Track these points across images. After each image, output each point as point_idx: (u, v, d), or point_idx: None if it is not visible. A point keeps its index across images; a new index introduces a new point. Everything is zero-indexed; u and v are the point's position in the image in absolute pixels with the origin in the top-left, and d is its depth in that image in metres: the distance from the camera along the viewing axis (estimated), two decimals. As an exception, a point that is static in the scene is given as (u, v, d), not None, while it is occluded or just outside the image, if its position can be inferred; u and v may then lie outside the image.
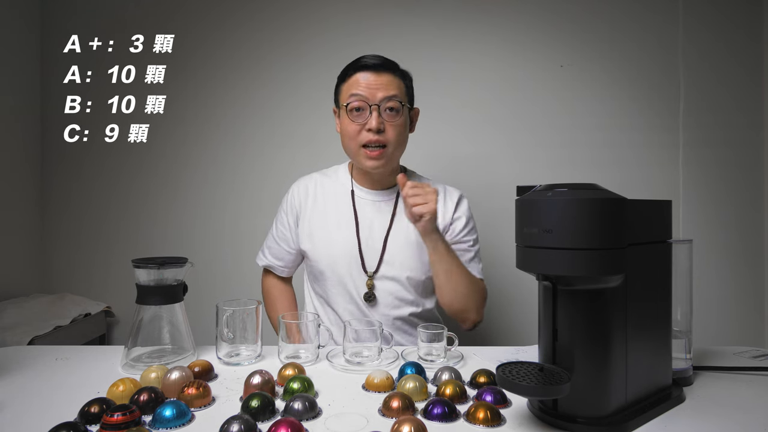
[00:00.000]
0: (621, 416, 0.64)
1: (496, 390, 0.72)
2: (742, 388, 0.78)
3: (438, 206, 1.17)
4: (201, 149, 1.89)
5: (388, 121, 1.11)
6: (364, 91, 1.10)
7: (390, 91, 1.10)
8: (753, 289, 1.80)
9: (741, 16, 1.78)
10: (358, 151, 1.12)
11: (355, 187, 1.22)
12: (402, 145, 1.16)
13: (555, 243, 0.60)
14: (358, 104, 1.10)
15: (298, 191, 1.25)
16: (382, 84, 1.10)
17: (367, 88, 1.10)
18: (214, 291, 1.58)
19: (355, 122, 1.10)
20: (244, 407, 0.66)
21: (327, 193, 1.23)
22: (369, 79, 1.10)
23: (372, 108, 1.09)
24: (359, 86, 1.10)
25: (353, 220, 1.18)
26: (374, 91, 1.10)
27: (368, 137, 1.10)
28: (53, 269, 1.92)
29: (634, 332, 0.66)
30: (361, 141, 1.11)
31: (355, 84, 1.11)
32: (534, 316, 0.72)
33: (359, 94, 1.10)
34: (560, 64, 1.81)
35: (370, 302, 1.15)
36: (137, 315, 0.89)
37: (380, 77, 1.11)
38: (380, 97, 1.10)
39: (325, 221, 1.19)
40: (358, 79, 1.11)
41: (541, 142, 1.81)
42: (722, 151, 1.79)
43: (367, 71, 1.11)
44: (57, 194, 1.91)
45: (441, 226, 1.17)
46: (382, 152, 1.11)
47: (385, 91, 1.10)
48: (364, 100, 1.09)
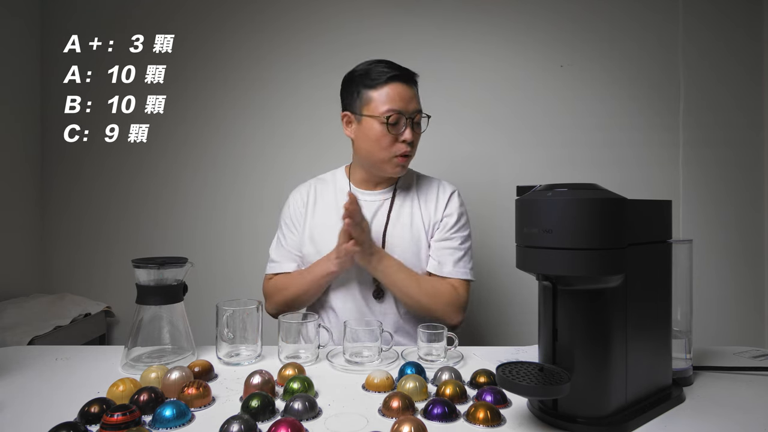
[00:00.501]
0: (621, 416, 0.64)
1: (496, 390, 0.72)
2: (742, 388, 0.78)
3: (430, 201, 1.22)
4: (201, 149, 1.89)
5: (417, 132, 1.15)
6: (402, 103, 1.12)
7: (418, 105, 1.15)
8: (753, 289, 1.80)
9: (741, 16, 1.78)
10: (392, 160, 1.14)
11: (354, 189, 1.23)
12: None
13: (555, 243, 0.60)
14: (397, 118, 1.12)
15: (295, 200, 1.26)
16: (413, 96, 1.14)
17: (402, 100, 1.12)
18: (214, 291, 1.58)
19: (390, 134, 1.12)
20: (244, 407, 0.66)
21: (326, 198, 1.24)
22: (402, 92, 1.12)
23: (407, 121, 1.12)
24: (398, 97, 1.12)
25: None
26: (407, 103, 1.12)
27: (403, 149, 1.13)
28: (53, 269, 1.92)
29: (634, 332, 0.66)
30: (395, 152, 1.13)
31: (393, 94, 1.12)
32: (534, 316, 0.72)
33: (398, 107, 1.11)
34: (560, 63, 1.81)
35: (380, 299, 1.16)
36: (137, 315, 0.89)
37: (412, 89, 1.14)
38: (412, 109, 1.13)
39: (325, 225, 1.20)
40: (397, 90, 1.12)
41: (542, 141, 1.81)
42: (722, 151, 1.79)
43: (399, 82, 1.13)
44: (57, 194, 1.91)
45: (432, 222, 1.20)
46: (408, 159, 1.16)
47: (415, 104, 1.14)
48: (402, 113, 1.11)
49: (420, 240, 1.18)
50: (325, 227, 1.19)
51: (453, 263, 1.17)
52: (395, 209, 1.20)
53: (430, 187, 1.25)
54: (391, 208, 1.20)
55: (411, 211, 1.20)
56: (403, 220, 1.19)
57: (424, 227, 1.19)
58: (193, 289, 0.96)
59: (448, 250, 1.18)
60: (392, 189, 1.23)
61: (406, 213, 1.20)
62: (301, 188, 1.29)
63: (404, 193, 1.23)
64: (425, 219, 1.20)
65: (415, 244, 1.17)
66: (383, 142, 1.13)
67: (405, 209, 1.21)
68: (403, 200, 1.22)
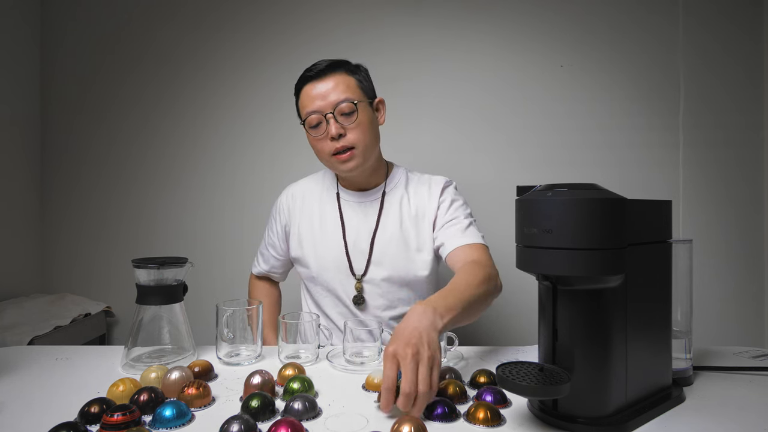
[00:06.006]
0: (621, 416, 0.64)
1: (496, 390, 0.72)
2: (742, 388, 0.78)
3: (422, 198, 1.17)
4: (201, 150, 1.89)
5: (347, 125, 1.07)
6: (315, 102, 1.07)
7: (341, 94, 1.07)
8: (753, 289, 1.80)
9: (741, 16, 1.78)
10: (330, 160, 1.10)
11: (341, 190, 1.20)
12: (372, 141, 1.12)
13: (555, 243, 0.60)
14: (314, 119, 1.08)
15: (286, 199, 1.26)
16: (329, 89, 1.07)
17: (316, 98, 1.07)
18: (214, 291, 1.58)
19: (318, 137, 1.09)
20: (244, 407, 0.66)
21: (314, 199, 1.22)
22: (317, 89, 1.08)
23: (327, 117, 1.07)
24: (309, 99, 1.08)
25: (339, 225, 1.17)
26: (325, 98, 1.07)
27: (333, 146, 1.07)
28: (53, 269, 1.92)
29: (634, 332, 0.66)
30: (329, 151, 1.09)
31: (305, 98, 1.09)
32: (534, 316, 0.72)
33: (311, 108, 1.07)
34: (560, 64, 1.81)
35: (359, 305, 1.15)
36: (137, 315, 0.89)
37: (326, 82, 1.08)
38: (332, 102, 1.06)
39: (312, 228, 1.19)
40: (308, 92, 1.09)
41: (541, 142, 1.81)
42: (722, 152, 1.79)
43: (312, 81, 1.09)
44: (57, 194, 1.91)
45: (429, 218, 1.15)
46: (352, 153, 1.08)
47: (335, 96, 1.07)
48: (317, 111, 1.07)
49: (409, 240, 1.14)
50: (311, 230, 1.19)
51: (462, 230, 1.10)
52: (384, 212, 1.17)
53: (419, 184, 1.20)
54: (380, 212, 1.17)
55: (400, 212, 1.16)
56: (392, 223, 1.15)
57: (414, 221, 1.15)
58: (193, 289, 0.96)
59: (453, 228, 1.11)
60: (380, 189, 1.19)
61: (395, 215, 1.16)
62: (291, 188, 1.28)
63: (393, 194, 1.19)
64: (416, 218, 1.15)
65: (405, 245, 1.14)
66: (317, 146, 1.11)
67: (394, 211, 1.16)
68: (392, 202, 1.18)
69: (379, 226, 1.16)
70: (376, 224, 1.16)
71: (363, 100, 1.10)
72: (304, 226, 1.20)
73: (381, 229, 1.16)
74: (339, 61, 1.11)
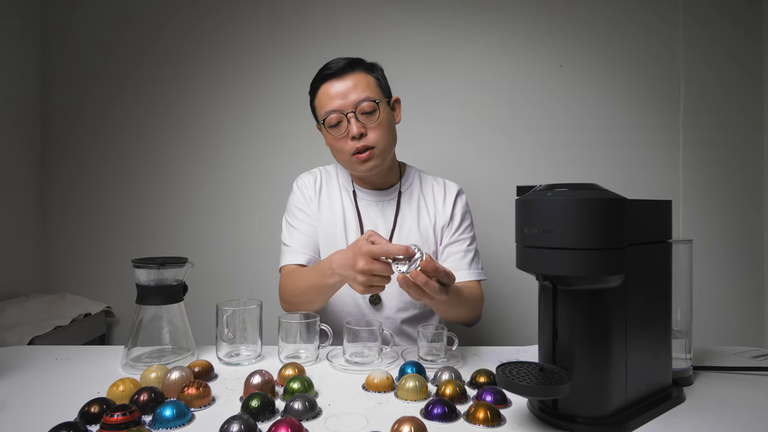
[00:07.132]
0: (621, 416, 0.64)
1: (496, 390, 0.72)
2: (742, 388, 0.78)
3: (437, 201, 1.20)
4: (202, 149, 1.89)
5: (368, 124, 1.07)
6: (335, 101, 1.06)
7: (361, 93, 1.06)
8: (753, 289, 1.80)
9: (741, 16, 1.78)
10: (350, 160, 1.10)
11: (357, 189, 1.20)
12: (391, 141, 1.12)
13: (555, 243, 0.60)
14: (334, 119, 1.07)
15: (305, 185, 1.21)
16: (350, 88, 1.06)
17: (337, 97, 1.06)
18: (214, 291, 1.58)
19: (338, 136, 1.08)
20: (244, 407, 0.66)
21: (331, 194, 1.21)
22: (337, 88, 1.07)
23: (348, 116, 1.06)
24: (328, 98, 1.07)
25: (357, 224, 1.17)
26: (345, 97, 1.06)
27: (354, 145, 1.07)
28: (53, 269, 1.92)
29: (634, 332, 0.66)
30: (349, 151, 1.08)
31: (324, 97, 1.08)
32: (534, 316, 0.72)
33: (331, 107, 1.06)
34: (560, 64, 1.81)
35: (375, 305, 1.14)
36: (137, 315, 0.89)
37: (346, 81, 1.07)
38: (353, 102, 1.06)
39: (331, 223, 1.18)
40: (327, 91, 1.08)
41: (541, 142, 1.81)
42: (722, 151, 1.79)
43: (332, 79, 1.08)
44: (57, 194, 1.91)
45: (440, 223, 1.18)
46: (372, 153, 1.08)
47: (356, 95, 1.06)
48: (338, 110, 1.06)
49: (428, 241, 1.16)
50: (330, 226, 1.17)
51: (467, 266, 1.15)
52: (402, 211, 1.18)
53: (435, 186, 1.22)
54: (397, 212, 1.18)
55: (418, 212, 1.18)
56: (410, 223, 1.17)
57: (432, 227, 1.17)
58: (193, 289, 0.96)
59: (459, 254, 1.16)
60: (396, 188, 1.20)
61: (412, 214, 1.18)
62: (307, 175, 1.24)
63: (409, 194, 1.20)
64: (432, 219, 1.18)
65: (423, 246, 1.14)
66: (336, 145, 1.10)
67: (411, 210, 1.18)
68: (409, 201, 1.19)
69: (397, 226, 1.17)
70: (394, 223, 1.17)
71: (382, 98, 1.10)
72: (323, 219, 1.18)
73: (398, 229, 1.17)
74: (356, 60, 1.11)
